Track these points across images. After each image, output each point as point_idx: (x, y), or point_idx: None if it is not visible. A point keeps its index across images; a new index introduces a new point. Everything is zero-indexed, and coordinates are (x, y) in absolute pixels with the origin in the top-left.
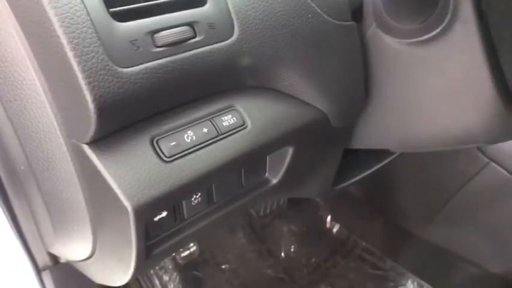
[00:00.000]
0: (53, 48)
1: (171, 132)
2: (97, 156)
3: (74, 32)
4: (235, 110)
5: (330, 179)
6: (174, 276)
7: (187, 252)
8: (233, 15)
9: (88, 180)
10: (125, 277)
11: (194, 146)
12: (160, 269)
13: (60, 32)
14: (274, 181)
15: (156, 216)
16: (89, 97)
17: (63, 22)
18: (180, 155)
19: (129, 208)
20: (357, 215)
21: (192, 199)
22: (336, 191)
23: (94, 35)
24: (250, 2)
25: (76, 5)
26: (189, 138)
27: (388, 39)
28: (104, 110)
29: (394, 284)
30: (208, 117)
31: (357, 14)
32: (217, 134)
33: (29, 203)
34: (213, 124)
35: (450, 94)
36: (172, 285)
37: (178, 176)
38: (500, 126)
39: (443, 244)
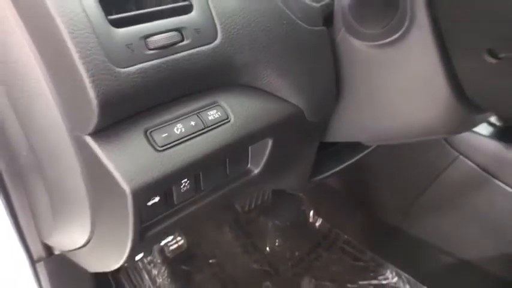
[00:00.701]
0: (59, 51)
1: (163, 125)
2: (98, 145)
3: (78, 37)
4: (219, 105)
5: (307, 170)
6: (162, 270)
7: (175, 246)
8: (216, 22)
9: (89, 168)
10: (119, 260)
11: (183, 137)
12: (149, 263)
13: (66, 37)
14: (256, 171)
15: (149, 200)
16: (92, 94)
17: (68, 29)
18: (171, 145)
19: (127, 191)
20: (339, 209)
21: (182, 186)
22: (313, 182)
23: (95, 39)
24: (232, 10)
25: (79, 13)
26: (179, 130)
27: (356, 42)
28: (104, 104)
29: (374, 274)
30: (195, 112)
31: (329, 20)
32: (203, 127)
33: (28, 194)
34: (199, 118)
35: (410, 91)
36: (161, 279)
37: (169, 163)
38: (455, 120)
39: (420, 235)
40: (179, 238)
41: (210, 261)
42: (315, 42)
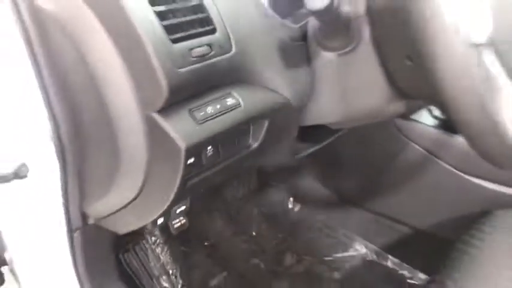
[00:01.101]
0: (140, 56)
1: (199, 106)
2: (162, 119)
3: (155, 48)
4: (233, 95)
5: (292, 148)
6: (165, 250)
7: (179, 224)
8: (232, 40)
9: (153, 134)
10: (160, 210)
11: (212, 116)
12: (153, 243)
13: (148, 48)
14: (255, 145)
15: (189, 159)
16: (164, 84)
17: (149, 41)
18: (205, 120)
19: (183, 147)
20: (313, 195)
21: (207, 152)
22: (296, 158)
23: (165, 51)
24: (242, 32)
25: (153, 31)
26: (209, 111)
27: (323, 53)
28: (169, 92)
29: (345, 247)
30: (218, 99)
31: (305, 37)
32: (224, 109)
33: (84, 160)
34: (221, 103)
35: (362, 86)
36: (163, 257)
37: (204, 132)
38: (394, 105)
39: (381, 210)
40: (182, 218)
41: (205, 243)
42: (297, 53)
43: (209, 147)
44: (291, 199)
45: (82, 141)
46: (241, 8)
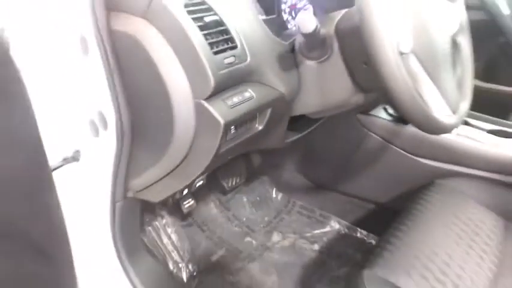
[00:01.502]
0: (196, 63)
1: (229, 97)
2: (207, 104)
3: (206, 58)
4: (248, 91)
5: (283, 133)
6: (174, 230)
7: (188, 205)
8: (247, 53)
9: (200, 115)
10: (195, 175)
11: (236, 104)
12: (164, 225)
13: (202, 56)
14: (260, 128)
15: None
16: (212, 80)
17: (201, 52)
18: (233, 106)
19: (222, 123)
20: (293, 184)
21: (231, 130)
22: (286, 143)
23: (211, 59)
24: (253, 47)
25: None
26: (235, 100)
27: (307, 61)
28: (214, 86)
29: (323, 225)
30: (240, 93)
31: (293, 50)
32: (244, 100)
33: (140, 140)
34: (242, 95)
35: (334, 84)
36: (173, 236)
37: (233, 114)
38: (354, 99)
39: (349, 191)
40: (191, 199)
41: (203, 227)
42: (288, 61)
43: (232, 127)
44: (274, 189)
45: (141, 127)
46: (251, 31)
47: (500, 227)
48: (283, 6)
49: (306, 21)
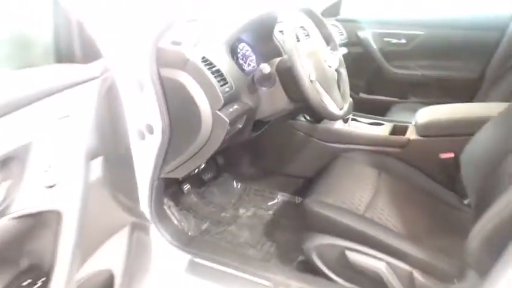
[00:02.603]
0: (212, 91)
1: (228, 109)
2: (219, 112)
3: (218, 88)
4: (235, 105)
5: (251, 130)
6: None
7: (186, 188)
8: (233, 84)
9: (215, 119)
10: (205, 159)
11: (232, 112)
12: (188, 208)
13: (217, 88)
14: (240, 126)
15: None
16: (222, 100)
17: (216, 86)
18: (230, 113)
19: (227, 121)
20: (248, 175)
21: (228, 127)
22: (252, 137)
23: (219, 89)
24: (234, 81)
25: (215, 83)
26: (231, 110)
27: (261, 88)
28: (223, 103)
29: (272, 198)
30: (232, 107)
31: (253, 81)
32: (234, 110)
33: (173, 139)
34: (233, 108)
35: (276, 98)
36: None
37: (230, 117)
38: (289, 107)
39: (289, 172)
40: (188, 185)
41: (190, 211)
42: (251, 88)
43: (228, 125)
44: (234, 180)
45: (177, 129)
46: (232, 71)
47: (374, 174)
48: (239, 55)
49: (265, 67)
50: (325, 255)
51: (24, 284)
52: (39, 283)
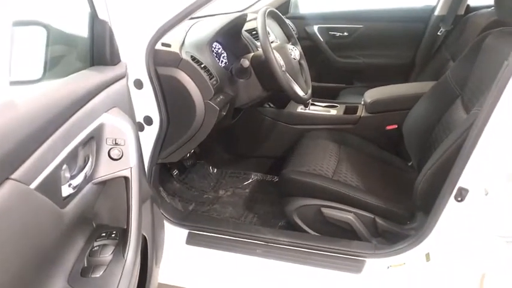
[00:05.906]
0: (205, 84)
1: (216, 99)
2: (210, 101)
3: (208, 82)
4: (221, 96)
5: (231, 117)
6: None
7: (175, 173)
8: (218, 78)
9: (207, 108)
10: (198, 143)
11: (219, 101)
12: (173, 194)
13: (208, 82)
14: (224, 113)
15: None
16: (212, 91)
17: (207, 81)
18: (218, 103)
19: (218, 109)
20: (223, 161)
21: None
22: (231, 122)
23: (210, 82)
24: (219, 75)
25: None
26: (218, 100)
27: (239, 80)
28: (214, 93)
29: (247, 179)
30: (219, 97)
31: (232, 73)
32: (221, 100)
33: (170, 128)
34: (219, 98)
35: (252, 90)
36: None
37: (219, 106)
38: (263, 94)
39: (259, 154)
40: (176, 171)
41: (174, 196)
42: (232, 80)
43: (218, 113)
44: (211, 166)
45: (173, 119)
46: (215, 67)
47: (335, 147)
48: (213, 53)
49: (245, 61)
50: (304, 215)
51: (103, 234)
52: (113, 234)
